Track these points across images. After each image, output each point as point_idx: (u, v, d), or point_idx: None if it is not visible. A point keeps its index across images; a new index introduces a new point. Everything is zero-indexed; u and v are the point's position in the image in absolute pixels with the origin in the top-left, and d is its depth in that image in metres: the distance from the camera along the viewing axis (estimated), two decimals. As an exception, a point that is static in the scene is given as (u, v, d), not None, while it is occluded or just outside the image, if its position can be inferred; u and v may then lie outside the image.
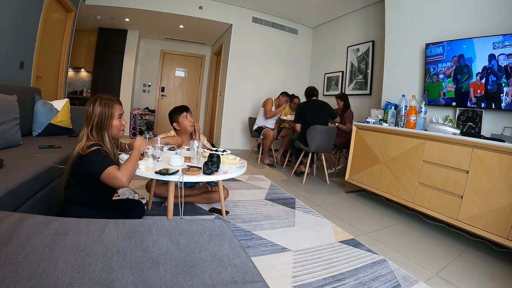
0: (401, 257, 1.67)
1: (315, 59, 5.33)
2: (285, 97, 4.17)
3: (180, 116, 2.12)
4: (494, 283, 1.48)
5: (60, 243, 0.71)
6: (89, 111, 1.33)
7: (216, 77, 5.73)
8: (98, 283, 0.59)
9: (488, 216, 1.74)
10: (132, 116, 5.52)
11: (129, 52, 5.39)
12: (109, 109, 1.35)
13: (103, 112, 1.33)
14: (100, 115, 1.33)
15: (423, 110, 2.36)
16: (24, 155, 1.60)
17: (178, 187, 1.69)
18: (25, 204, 1.27)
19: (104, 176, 1.25)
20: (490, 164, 1.76)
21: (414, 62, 2.83)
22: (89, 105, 1.34)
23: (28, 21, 2.63)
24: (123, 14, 4.55)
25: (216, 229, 0.91)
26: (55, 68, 3.50)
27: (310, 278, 1.34)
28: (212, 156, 1.58)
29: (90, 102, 1.35)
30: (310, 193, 2.86)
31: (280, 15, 4.98)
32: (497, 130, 2.14)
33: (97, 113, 1.32)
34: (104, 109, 1.34)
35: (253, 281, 0.67)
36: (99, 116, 1.33)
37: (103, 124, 1.34)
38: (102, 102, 1.34)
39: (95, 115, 1.32)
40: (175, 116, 2.13)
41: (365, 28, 4.09)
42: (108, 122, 1.35)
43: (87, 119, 1.34)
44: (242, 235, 1.72)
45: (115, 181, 1.26)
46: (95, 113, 1.32)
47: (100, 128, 1.34)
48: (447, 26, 2.55)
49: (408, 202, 2.27)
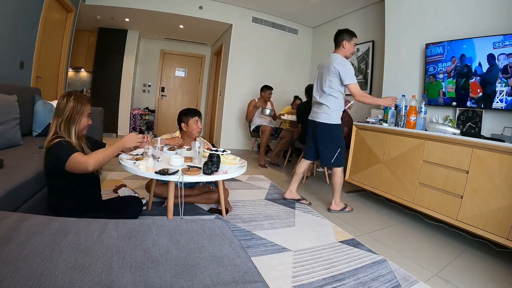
0: (401, 257, 1.67)
1: (315, 59, 5.33)
2: (267, 91, 4.05)
3: (192, 119, 2.10)
4: (494, 283, 1.48)
5: (60, 243, 0.71)
6: (62, 103, 1.36)
7: (216, 77, 5.73)
8: (98, 283, 0.59)
9: (488, 216, 1.74)
10: (132, 116, 5.52)
11: (129, 52, 5.39)
12: (81, 106, 1.39)
13: (75, 107, 1.36)
14: (72, 110, 1.36)
15: (423, 110, 2.36)
16: (24, 155, 1.60)
17: (178, 187, 1.69)
18: (25, 204, 1.27)
19: (69, 164, 1.25)
20: (490, 164, 1.76)
21: (414, 62, 2.83)
22: (62, 98, 1.37)
23: (28, 21, 2.63)
24: (123, 14, 4.55)
25: (216, 229, 0.91)
26: (55, 68, 3.50)
27: (310, 278, 1.34)
28: (212, 156, 1.58)
29: (64, 95, 1.38)
30: (310, 193, 2.86)
31: (280, 15, 4.98)
32: (497, 130, 2.14)
33: (70, 107, 1.35)
34: (77, 105, 1.37)
35: (253, 281, 0.67)
36: (71, 110, 1.35)
37: (73, 118, 1.36)
38: (76, 97, 1.38)
39: (67, 109, 1.35)
40: (186, 117, 2.11)
41: (365, 28, 4.09)
42: (77, 117, 1.38)
43: (59, 111, 1.36)
44: (242, 235, 1.72)
45: (79, 166, 1.26)
46: (68, 107, 1.35)
47: (68, 122, 1.36)
48: (447, 26, 2.55)
49: (408, 202, 2.27)
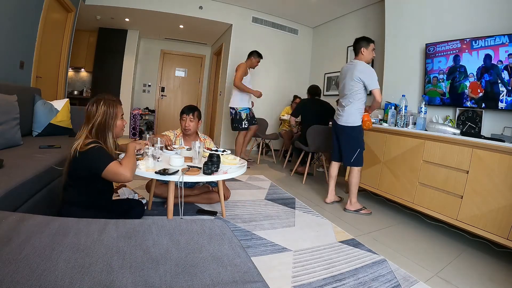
0: (401, 257, 1.67)
1: (315, 59, 5.33)
2: (256, 58, 3.69)
3: (181, 117, 2.14)
4: (494, 283, 1.48)
5: (60, 243, 0.71)
6: (93, 110, 1.33)
7: (216, 77, 5.73)
8: (98, 283, 0.59)
9: (488, 216, 1.74)
10: (132, 116, 5.52)
11: (129, 52, 5.39)
12: (114, 109, 1.37)
13: (107, 112, 1.34)
14: (105, 115, 1.34)
15: (423, 110, 2.36)
16: (24, 155, 1.60)
17: (178, 187, 1.69)
18: (25, 204, 1.27)
19: (107, 172, 1.24)
20: (490, 164, 1.76)
21: (414, 62, 2.83)
22: (92, 105, 1.34)
23: (28, 21, 2.63)
24: (123, 14, 4.55)
25: (216, 229, 0.91)
26: (55, 68, 3.50)
27: (310, 278, 1.34)
28: (212, 156, 1.58)
29: (93, 102, 1.35)
30: (310, 193, 2.86)
31: (280, 15, 4.98)
32: (497, 130, 2.14)
33: (101, 112, 1.33)
34: (108, 109, 1.35)
35: (253, 281, 0.67)
36: (103, 116, 1.33)
37: (107, 123, 1.35)
38: (106, 102, 1.35)
39: (99, 114, 1.33)
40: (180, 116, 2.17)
41: (365, 28, 4.09)
42: (112, 122, 1.36)
43: (89, 118, 1.33)
44: (242, 235, 1.72)
45: (119, 177, 1.26)
46: (99, 113, 1.33)
47: (103, 127, 1.34)
48: (447, 26, 2.54)
49: (408, 202, 2.27)
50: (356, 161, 2.33)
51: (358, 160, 2.33)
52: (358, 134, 2.33)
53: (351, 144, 2.34)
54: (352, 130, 2.32)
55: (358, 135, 2.33)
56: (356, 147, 2.32)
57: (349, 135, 2.33)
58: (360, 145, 2.33)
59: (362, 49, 2.29)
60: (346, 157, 2.37)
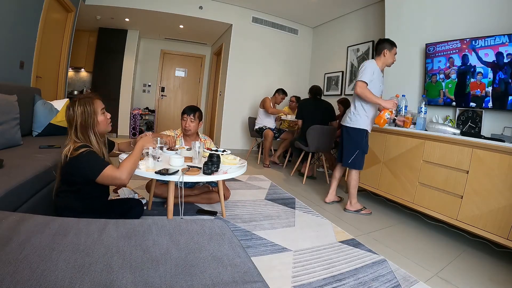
0: (401, 257, 1.67)
1: (315, 59, 5.33)
2: (281, 95, 4.11)
3: (182, 118, 2.13)
4: (494, 283, 1.48)
5: (60, 243, 0.71)
6: (70, 114, 1.28)
7: (216, 77, 5.73)
8: (98, 283, 0.59)
9: (488, 216, 1.74)
10: (132, 116, 5.52)
11: (129, 52, 5.39)
12: (90, 106, 1.30)
13: (85, 111, 1.28)
14: (83, 115, 1.28)
15: (423, 110, 2.36)
16: (24, 155, 1.60)
17: (178, 187, 1.69)
18: (25, 204, 1.27)
19: (102, 178, 1.22)
20: (490, 164, 1.76)
21: (414, 62, 2.83)
22: (68, 109, 1.29)
23: (28, 21, 2.63)
24: (123, 14, 4.55)
25: (216, 229, 0.91)
26: (55, 68, 3.50)
27: (310, 278, 1.34)
28: (212, 156, 1.58)
29: (69, 106, 1.30)
30: (310, 193, 2.86)
31: (280, 15, 4.98)
32: (497, 130, 2.14)
33: (79, 113, 1.27)
34: (85, 108, 1.29)
35: (253, 281, 0.67)
36: (81, 116, 1.27)
37: (87, 123, 1.29)
38: (81, 102, 1.29)
39: (77, 116, 1.27)
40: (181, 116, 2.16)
41: (365, 28, 4.09)
42: (92, 119, 1.30)
43: (70, 123, 1.28)
44: (242, 235, 1.72)
45: (115, 181, 1.25)
46: (76, 114, 1.27)
47: (85, 128, 1.29)
48: (447, 26, 2.54)
49: (408, 202, 2.27)
50: (353, 163, 2.31)
51: (356, 162, 2.30)
52: (360, 137, 2.28)
53: (351, 144, 2.31)
54: (354, 131, 2.28)
55: (359, 138, 2.28)
56: (355, 149, 2.29)
57: (350, 136, 2.31)
58: (359, 147, 2.29)
59: (385, 50, 2.23)
60: (345, 157, 2.36)
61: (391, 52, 2.25)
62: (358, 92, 2.15)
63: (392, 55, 2.26)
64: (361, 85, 2.14)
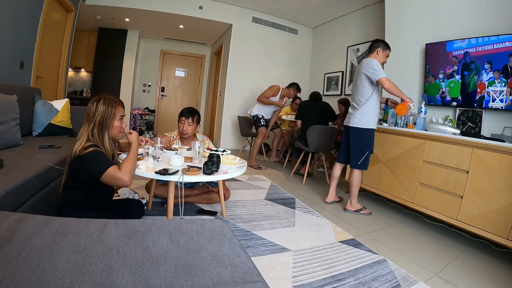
0: (401, 257, 1.67)
1: (315, 59, 5.33)
2: (295, 91, 3.94)
3: (179, 120, 2.11)
4: (494, 283, 1.48)
5: (60, 243, 0.71)
6: (92, 109, 1.33)
7: (216, 77, 5.73)
8: (98, 283, 0.59)
9: (488, 216, 1.74)
10: (132, 116, 5.52)
11: (129, 52, 5.39)
12: (112, 109, 1.36)
13: (106, 111, 1.33)
14: (103, 114, 1.33)
15: (423, 110, 2.36)
16: (24, 155, 1.60)
17: (178, 187, 1.69)
18: (25, 204, 1.27)
19: (105, 177, 1.25)
20: (490, 164, 1.76)
21: (414, 62, 2.83)
22: (92, 103, 1.34)
23: (28, 21, 2.63)
24: (123, 14, 4.55)
25: (216, 229, 0.91)
26: (55, 68, 3.50)
27: (310, 278, 1.34)
28: (212, 156, 1.58)
29: (93, 100, 1.35)
30: (310, 193, 2.86)
31: (280, 15, 4.98)
32: (497, 130, 2.14)
33: (100, 111, 1.32)
34: (107, 109, 1.34)
35: (253, 281, 0.67)
36: (101, 115, 1.33)
37: (105, 123, 1.34)
38: (106, 101, 1.35)
39: (98, 113, 1.32)
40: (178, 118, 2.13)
41: (365, 28, 4.09)
42: (109, 121, 1.35)
43: (89, 117, 1.33)
44: (242, 235, 1.72)
45: (117, 182, 1.26)
46: (98, 111, 1.32)
47: (102, 127, 1.34)
48: (447, 26, 2.54)
49: (408, 202, 2.27)
50: (363, 164, 2.30)
51: (365, 163, 2.30)
52: (369, 136, 2.28)
53: (360, 146, 2.29)
54: (364, 132, 2.26)
55: (368, 138, 2.28)
56: (365, 149, 2.28)
57: (360, 137, 2.28)
58: (369, 148, 2.29)
59: (379, 49, 2.25)
60: (354, 159, 2.32)
61: (384, 52, 2.27)
62: (388, 87, 2.11)
63: (385, 56, 2.28)
64: (387, 80, 2.11)
